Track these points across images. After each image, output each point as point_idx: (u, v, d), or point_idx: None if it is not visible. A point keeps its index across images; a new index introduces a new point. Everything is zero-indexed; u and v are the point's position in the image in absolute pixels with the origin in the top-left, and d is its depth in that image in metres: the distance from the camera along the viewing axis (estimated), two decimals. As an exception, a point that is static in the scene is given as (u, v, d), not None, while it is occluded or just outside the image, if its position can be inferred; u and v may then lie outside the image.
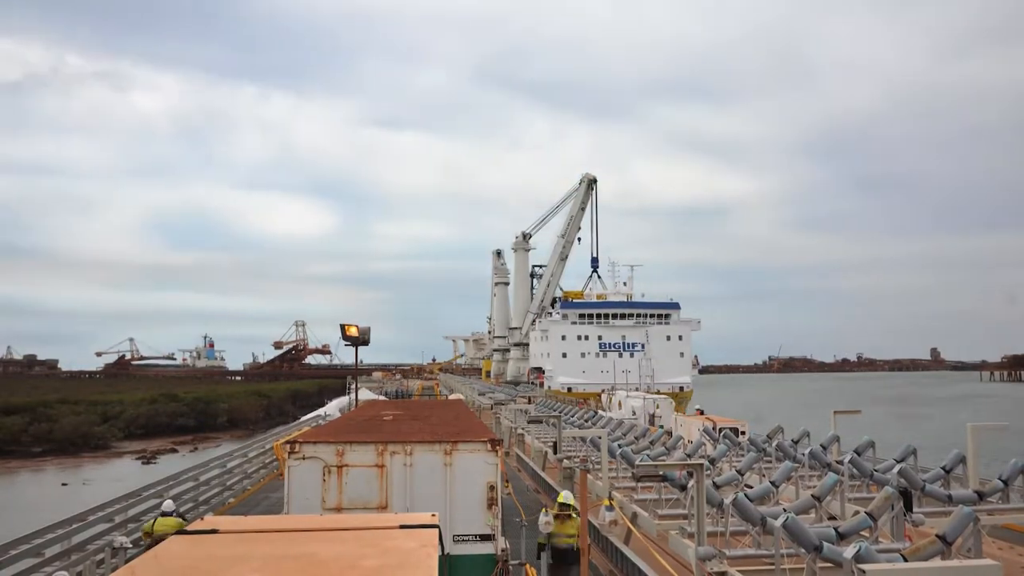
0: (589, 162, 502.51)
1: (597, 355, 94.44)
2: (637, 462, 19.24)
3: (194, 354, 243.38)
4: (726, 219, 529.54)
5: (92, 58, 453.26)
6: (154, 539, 15.13)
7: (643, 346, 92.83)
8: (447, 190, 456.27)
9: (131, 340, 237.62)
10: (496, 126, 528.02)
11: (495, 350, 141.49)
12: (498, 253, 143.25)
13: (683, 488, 16.55)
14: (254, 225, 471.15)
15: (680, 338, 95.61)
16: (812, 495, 15.31)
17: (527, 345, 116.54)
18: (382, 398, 55.21)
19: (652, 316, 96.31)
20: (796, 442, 24.96)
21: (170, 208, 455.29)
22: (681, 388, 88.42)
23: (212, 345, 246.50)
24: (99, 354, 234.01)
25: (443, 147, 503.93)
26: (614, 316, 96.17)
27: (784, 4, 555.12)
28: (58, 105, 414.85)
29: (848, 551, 9.59)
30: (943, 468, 19.00)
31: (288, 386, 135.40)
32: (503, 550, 11.64)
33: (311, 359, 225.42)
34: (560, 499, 14.63)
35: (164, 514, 15.72)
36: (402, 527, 5.44)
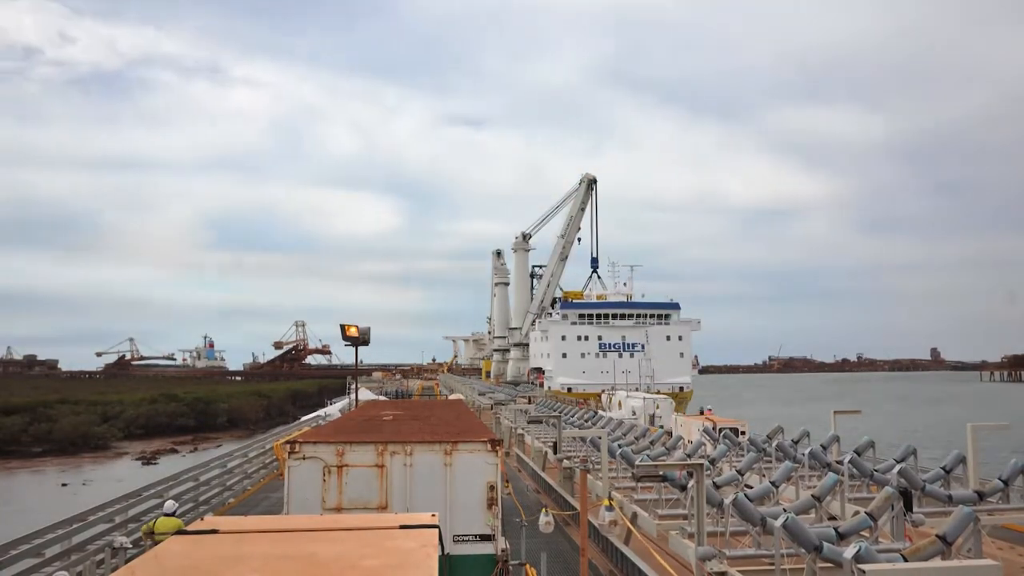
0: (670, 160, 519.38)
1: (597, 355, 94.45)
2: (637, 462, 19.24)
3: (194, 354, 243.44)
4: (794, 220, 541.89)
5: (196, 47, 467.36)
6: (155, 539, 15.21)
7: (643, 346, 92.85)
8: (526, 188, 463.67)
9: (131, 340, 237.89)
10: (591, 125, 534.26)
11: (495, 350, 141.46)
12: (498, 253, 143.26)
13: (683, 488, 16.56)
14: (318, 223, 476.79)
15: (680, 338, 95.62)
16: (812, 495, 15.31)
17: (527, 345, 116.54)
18: (382, 398, 55.22)
19: (652, 316, 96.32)
20: (796, 442, 24.97)
21: (240, 204, 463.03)
22: (681, 388, 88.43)
23: (212, 345, 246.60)
24: (99, 354, 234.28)
25: (523, 144, 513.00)
26: (614, 316, 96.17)
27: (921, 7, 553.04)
28: (154, 96, 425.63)
29: (848, 551, 9.60)
30: (943, 468, 19.01)
31: (288, 386, 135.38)
32: (503, 550, 11.64)
33: (311, 359, 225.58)
34: None
35: (166, 515, 15.72)
36: (402, 527, 5.44)
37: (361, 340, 35.66)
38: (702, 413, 43.63)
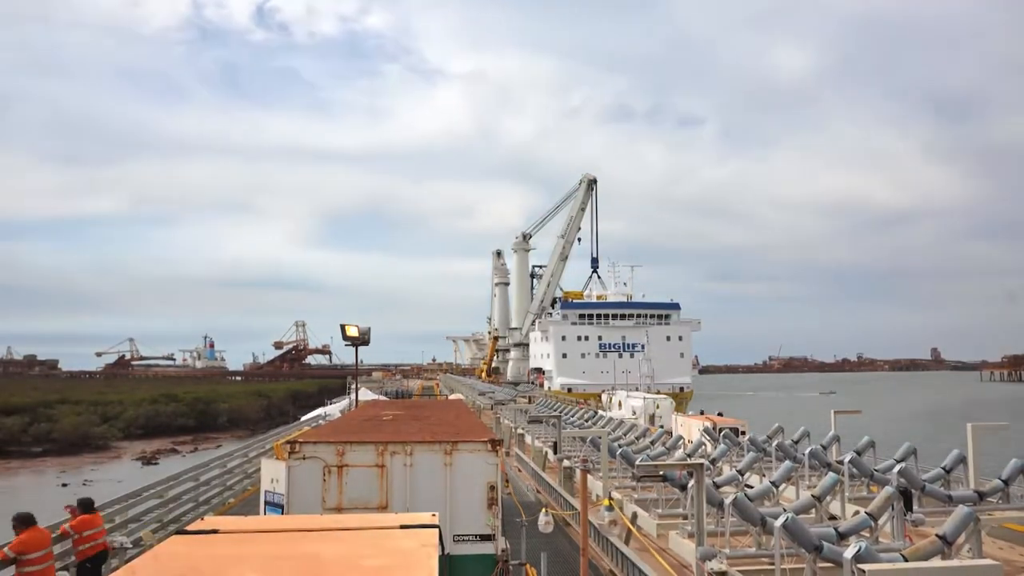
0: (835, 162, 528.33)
1: (597, 355, 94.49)
2: (637, 462, 19.25)
3: (194, 354, 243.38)
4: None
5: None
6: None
7: (643, 346, 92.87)
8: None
9: (131, 340, 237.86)
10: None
11: (498, 349, 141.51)
12: (498, 253, 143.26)
13: (683, 488, 16.56)
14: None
15: (680, 338, 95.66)
16: (812, 495, 15.31)
17: (527, 345, 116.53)
18: (382, 398, 55.22)
19: (652, 316, 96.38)
20: (796, 442, 24.98)
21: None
22: (681, 388, 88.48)
23: (212, 345, 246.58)
24: (99, 354, 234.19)
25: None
26: (614, 316, 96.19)
27: None
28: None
29: (848, 551, 9.60)
30: (943, 468, 19.01)
31: (288, 386, 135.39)
32: (503, 550, 11.64)
33: (311, 359, 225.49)
34: None
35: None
36: (402, 527, 5.44)
37: (361, 340, 35.66)
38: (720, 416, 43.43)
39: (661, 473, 16.83)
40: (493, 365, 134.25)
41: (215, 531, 5.42)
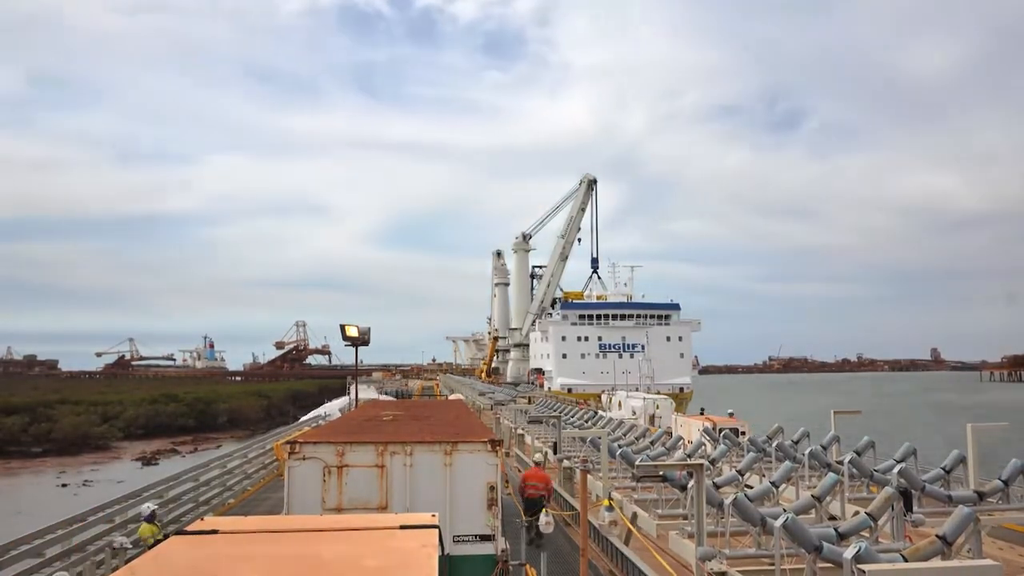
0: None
1: (597, 356, 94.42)
2: (637, 462, 19.24)
3: (194, 354, 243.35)
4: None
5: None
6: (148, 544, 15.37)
7: (643, 347, 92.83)
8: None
9: (131, 340, 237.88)
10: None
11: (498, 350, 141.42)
12: (498, 254, 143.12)
13: (683, 488, 16.56)
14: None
15: (680, 339, 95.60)
16: (812, 495, 15.31)
17: (527, 346, 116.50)
18: (383, 397, 55.22)
19: (652, 317, 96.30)
20: (796, 442, 24.97)
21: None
22: (681, 389, 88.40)
23: (212, 345, 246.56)
24: (99, 354, 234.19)
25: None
26: (614, 317, 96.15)
27: None
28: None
29: (848, 551, 9.60)
30: (943, 468, 19.01)
31: (288, 386, 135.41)
32: (503, 550, 11.64)
33: (311, 359, 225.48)
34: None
35: (145, 520, 15.45)
36: (402, 527, 5.43)
37: (361, 340, 35.67)
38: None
39: (661, 473, 16.83)
40: (493, 365, 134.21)
41: (215, 531, 5.42)
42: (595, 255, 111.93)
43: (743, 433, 29.28)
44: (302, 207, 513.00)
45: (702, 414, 42.95)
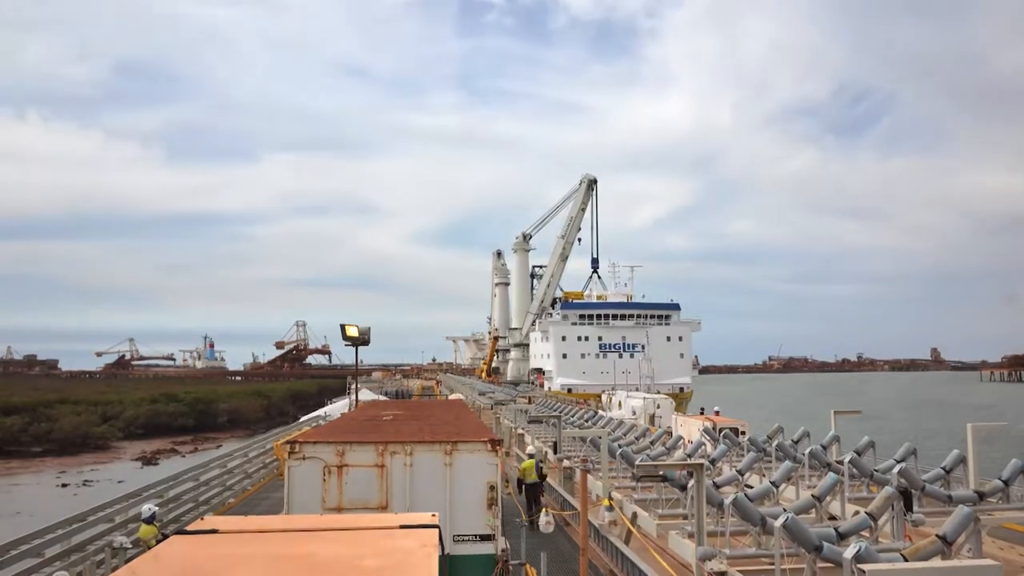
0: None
1: (597, 356, 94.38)
2: (637, 462, 19.24)
3: (194, 354, 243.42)
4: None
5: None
6: (148, 545, 15.20)
7: (643, 347, 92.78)
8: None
9: (131, 340, 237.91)
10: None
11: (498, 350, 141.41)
12: (498, 254, 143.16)
13: (683, 488, 16.55)
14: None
15: (680, 339, 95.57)
16: (812, 495, 15.30)
17: (527, 346, 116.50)
18: (382, 398, 55.20)
19: (652, 317, 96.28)
20: (796, 442, 24.95)
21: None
22: (681, 389, 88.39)
23: (212, 345, 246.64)
24: (99, 354, 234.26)
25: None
26: (614, 317, 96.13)
27: None
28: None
29: (848, 551, 9.59)
30: (943, 468, 18.99)
31: (288, 386, 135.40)
32: (503, 550, 11.65)
33: (311, 359, 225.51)
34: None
35: (144, 521, 15.23)
36: (402, 527, 5.43)
37: (361, 340, 35.65)
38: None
39: (661, 473, 16.81)
40: (493, 365, 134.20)
41: (215, 531, 5.42)
42: (595, 255, 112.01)
43: (743, 433, 29.28)
44: (358, 206, 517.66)
45: (702, 413, 42.97)
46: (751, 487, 17.85)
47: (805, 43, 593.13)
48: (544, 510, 16.76)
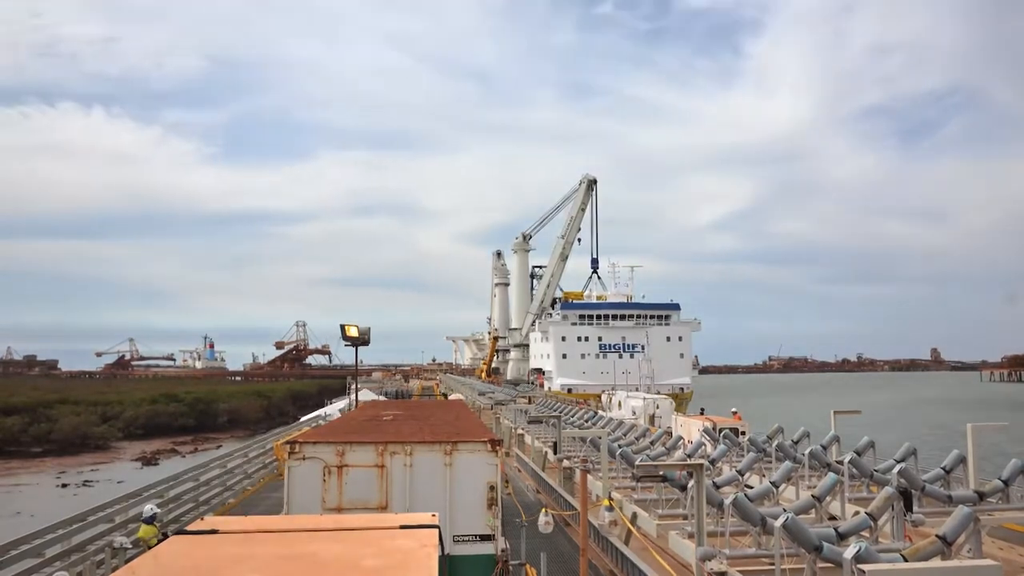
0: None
1: (597, 356, 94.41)
2: (637, 462, 19.24)
3: (194, 355, 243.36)
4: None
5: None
6: (148, 545, 15.36)
7: (643, 347, 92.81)
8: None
9: (131, 340, 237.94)
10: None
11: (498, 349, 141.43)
12: (498, 254, 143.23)
13: (683, 488, 16.56)
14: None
15: (680, 339, 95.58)
16: (812, 495, 15.31)
17: (527, 346, 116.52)
18: (382, 398, 55.20)
19: (652, 317, 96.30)
20: (796, 442, 24.96)
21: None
22: (681, 389, 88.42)
23: (212, 346, 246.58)
24: (99, 354, 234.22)
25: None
26: (614, 317, 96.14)
27: None
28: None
29: (848, 551, 9.59)
30: (943, 468, 19.00)
31: (288, 386, 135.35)
32: (503, 550, 11.64)
33: (311, 359, 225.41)
34: None
35: (145, 521, 15.24)
36: (402, 527, 5.43)
37: (361, 340, 35.66)
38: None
39: (661, 473, 16.82)
40: (493, 365, 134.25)
41: (215, 531, 5.41)
42: (595, 255, 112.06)
43: (743, 433, 29.29)
44: (408, 204, 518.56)
45: (702, 414, 42.95)
46: (751, 487, 17.86)
47: (904, 42, 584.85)
48: (544, 510, 16.74)
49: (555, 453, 28.22)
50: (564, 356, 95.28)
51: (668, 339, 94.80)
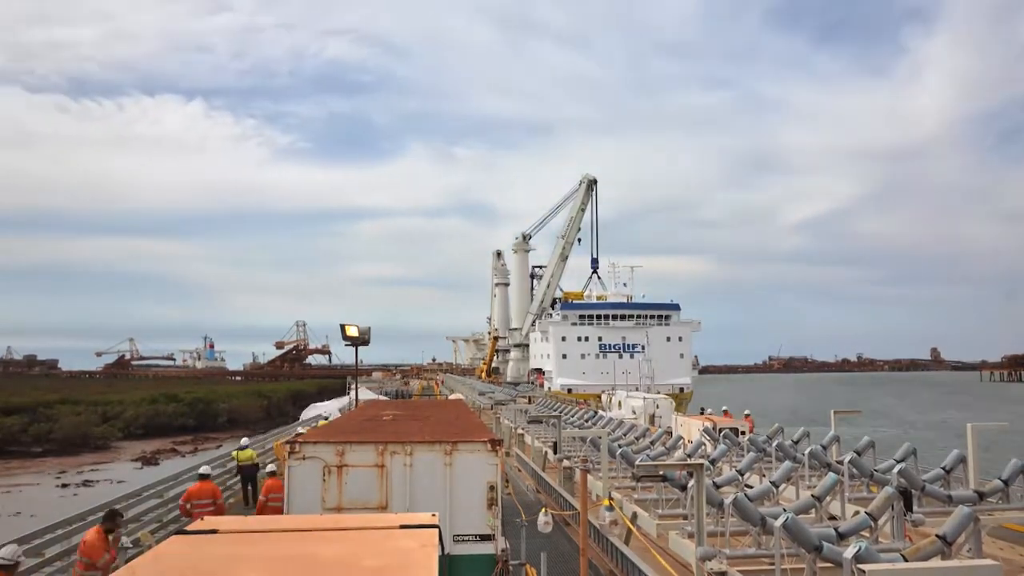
0: None
1: (597, 356, 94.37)
2: (637, 462, 19.24)
3: (194, 355, 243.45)
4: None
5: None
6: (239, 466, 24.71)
7: (643, 347, 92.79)
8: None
9: (131, 340, 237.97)
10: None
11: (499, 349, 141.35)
12: (498, 254, 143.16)
13: (683, 488, 16.55)
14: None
15: (680, 339, 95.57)
16: (812, 495, 15.30)
17: (527, 346, 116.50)
18: (382, 398, 55.18)
19: (652, 317, 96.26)
20: (796, 442, 24.95)
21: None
22: (681, 389, 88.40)
23: (212, 346, 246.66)
24: (99, 354, 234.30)
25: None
26: (614, 317, 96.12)
27: None
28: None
29: (848, 551, 9.59)
30: (943, 468, 18.99)
31: (288, 386, 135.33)
32: (503, 550, 11.65)
33: (312, 359, 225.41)
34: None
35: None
36: (402, 527, 5.43)
37: (361, 340, 35.66)
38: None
39: (661, 473, 16.82)
40: (493, 365, 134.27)
41: (215, 531, 5.41)
42: (595, 255, 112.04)
43: (743, 433, 29.27)
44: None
45: (702, 413, 42.95)
46: (751, 487, 17.85)
47: None
48: (544, 510, 16.74)
49: (555, 453, 28.21)
50: (564, 356, 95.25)
51: (668, 339, 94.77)
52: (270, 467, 20.02)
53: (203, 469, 19.31)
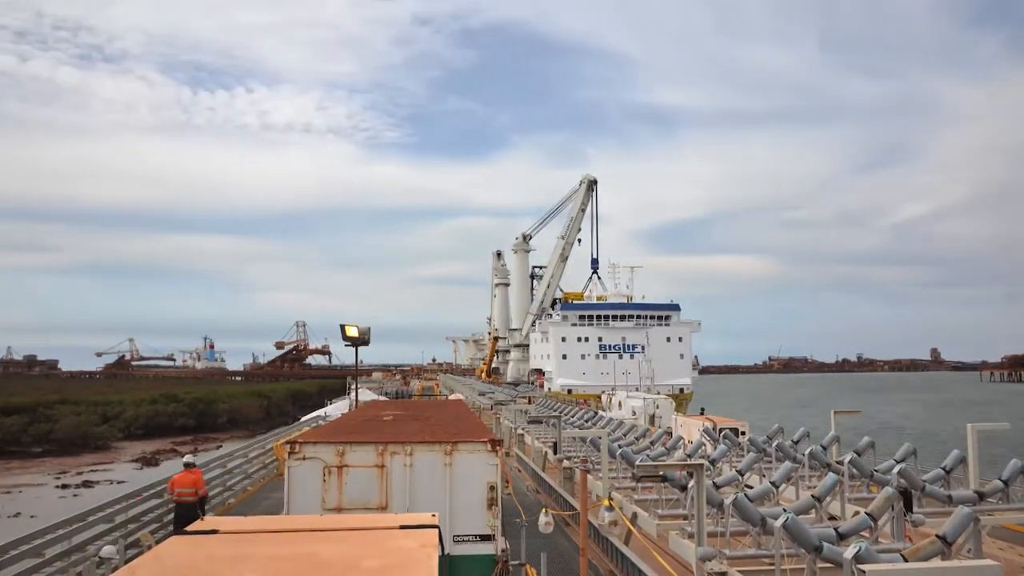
0: None
1: (597, 357, 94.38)
2: (637, 462, 19.23)
3: (194, 355, 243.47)
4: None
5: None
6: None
7: (643, 348, 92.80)
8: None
9: (131, 340, 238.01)
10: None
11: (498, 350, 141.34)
12: (498, 254, 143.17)
13: (683, 488, 16.56)
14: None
15: (680, 339, 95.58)
16: (812, 495, 15.31)
17: (527, 346, 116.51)
18: (382, 398, 55.19)
19: (652, 317, 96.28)
20: (796, 442, 24.97)
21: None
22: (681, 389, 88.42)
23: (212, 346, 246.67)
24: (99, 354, 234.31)
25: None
26: (614, 318, 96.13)
27: None
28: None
29: (848, 551, 9.59)
30: (943, 468, 19.01)
31: (288, 386, 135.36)
32: (503, 550, 11.65)
33: (312, 359, 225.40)
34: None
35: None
36: (402, 527, 5.43)
37: (361, 340, 35.66)
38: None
39: (661, 473, 16.82)
40: (493, 366, 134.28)
41: (215, 531, 5.41)
42: (595, 255, 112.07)
43: (743, 433, 29.28)
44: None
45: (702, 413, 42.99)
46: (751, 487, 17.85)
47: None
48: (544, 510, 16.75)
49: (555, 453, 28.22)
50: (564, 356, 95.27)
51: (668, 340, 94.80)
52: (187, 458, 20.32)
53: (187, 459, 20.17)
